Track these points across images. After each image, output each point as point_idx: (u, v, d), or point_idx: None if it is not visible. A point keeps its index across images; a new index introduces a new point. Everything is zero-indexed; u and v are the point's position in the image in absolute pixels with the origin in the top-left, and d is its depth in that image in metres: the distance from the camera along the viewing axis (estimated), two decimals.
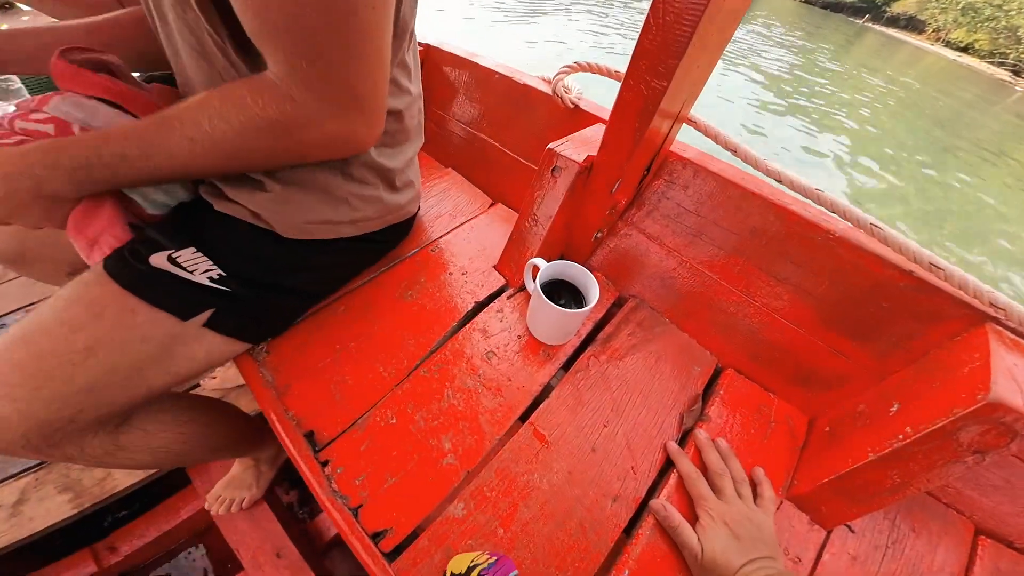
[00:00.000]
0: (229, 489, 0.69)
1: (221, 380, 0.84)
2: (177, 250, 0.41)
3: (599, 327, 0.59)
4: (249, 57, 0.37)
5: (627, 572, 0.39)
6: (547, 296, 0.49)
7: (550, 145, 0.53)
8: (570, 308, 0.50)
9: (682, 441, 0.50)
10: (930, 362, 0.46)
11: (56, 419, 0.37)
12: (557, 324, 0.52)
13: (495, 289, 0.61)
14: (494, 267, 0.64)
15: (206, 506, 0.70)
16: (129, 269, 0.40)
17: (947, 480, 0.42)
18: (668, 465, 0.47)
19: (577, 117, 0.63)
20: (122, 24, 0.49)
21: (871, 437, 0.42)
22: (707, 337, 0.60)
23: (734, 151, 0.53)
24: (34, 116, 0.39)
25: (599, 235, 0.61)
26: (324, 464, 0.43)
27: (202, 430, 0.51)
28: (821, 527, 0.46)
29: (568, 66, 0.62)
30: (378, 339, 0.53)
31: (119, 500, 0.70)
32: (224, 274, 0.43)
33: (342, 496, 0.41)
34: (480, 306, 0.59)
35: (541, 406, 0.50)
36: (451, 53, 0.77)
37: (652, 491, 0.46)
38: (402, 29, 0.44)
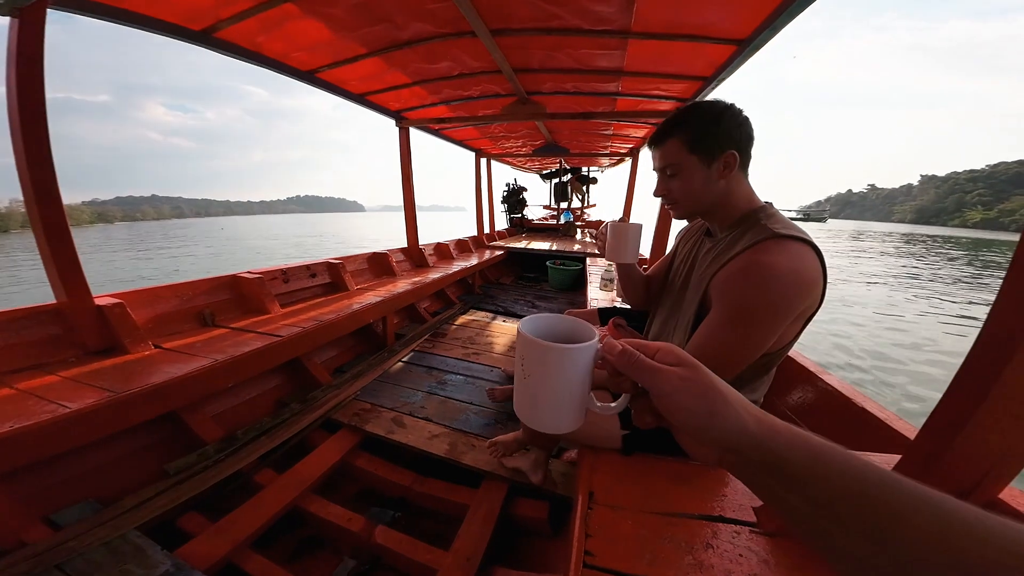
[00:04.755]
0: (518, 455, 1.31)
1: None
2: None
3: None
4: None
5: None
6: None
7: None
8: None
9: None
10: None
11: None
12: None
13: (742, 518, 0.79)
14: (752, 507, 0.81)
15: (488, 443, 1.37)
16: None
17: None
18: None
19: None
20: (645, 284, 1.25)
21: None
22: None
23: None
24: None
25: None
26: (590, 510, 0.83)
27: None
28: None
29: None
30: (654, 486, 0.89)
31: (453, 468, 1.43)
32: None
33: (587, 525, 0.79)
34: (724, 519, 0.79)
35: None
36: (800, 363, 1.09)
37: None
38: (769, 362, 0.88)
